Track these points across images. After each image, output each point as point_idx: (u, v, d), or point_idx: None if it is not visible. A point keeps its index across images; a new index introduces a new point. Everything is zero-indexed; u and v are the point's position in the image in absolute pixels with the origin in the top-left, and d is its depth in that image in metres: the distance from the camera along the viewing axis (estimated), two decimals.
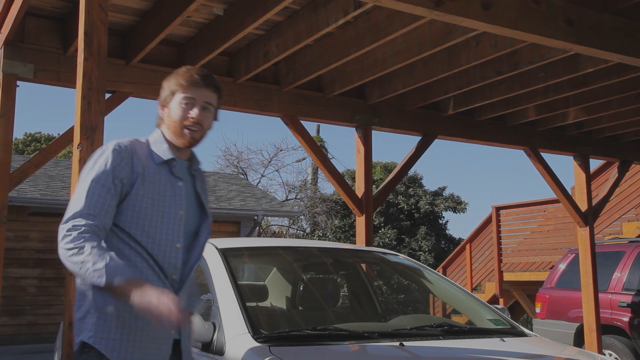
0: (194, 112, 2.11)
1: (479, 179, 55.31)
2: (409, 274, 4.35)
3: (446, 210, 20.25)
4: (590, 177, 7.60)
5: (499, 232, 12.17)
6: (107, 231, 2.02)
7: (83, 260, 1.89)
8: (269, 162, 20.40)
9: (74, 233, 1.93)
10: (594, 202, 7.50)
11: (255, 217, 12.72)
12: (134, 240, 2.05)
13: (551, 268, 9.57)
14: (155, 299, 1.85)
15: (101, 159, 2.04)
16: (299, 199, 20.82)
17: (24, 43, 4.51)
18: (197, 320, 2.47)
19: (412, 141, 6.37)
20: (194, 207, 2.20)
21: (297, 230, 21.12)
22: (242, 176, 19.61)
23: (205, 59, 4.68)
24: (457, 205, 20.25)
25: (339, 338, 2.79)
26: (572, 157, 7.50)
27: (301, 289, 4.01)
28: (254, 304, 3.48)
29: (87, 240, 1.92)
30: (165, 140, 2.17)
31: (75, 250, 1.91)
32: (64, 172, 12.94)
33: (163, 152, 2.14)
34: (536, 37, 3.74)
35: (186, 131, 2.12)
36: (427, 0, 3.32)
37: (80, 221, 1.95)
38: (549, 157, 7.30)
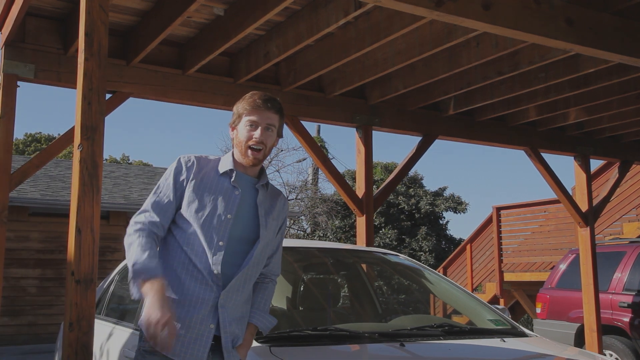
0: (257, 134, 2.36)
1: (479, 179, 55.34)
2: (409, 274, 4.35)
3: (447, 210, 20.24)
4: (590, 178, 7.60)
5: (499, 232, 12.17)
6: (165, 226, 2.35)
7: (128, 248, 2.28)
8: (270, 162, 20.38)
9: (133, 224, 2.33)
10: (595, 202, 7.50)
11: None
12: (186, 231, 2.32)
13: (552, 268, 9.56)
14: (147, 313, 2.10)
15: (170, 168, 2.43)
16: (299, 199, 20.80)
17: (24, 43, 4.51)
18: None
19: (412, 141, 6.36)
20: (251, 217, 2.39)
21: (298, 230, 21.12)
22: None
23: (206, 59, 4.69)
24: (457, 205, 20.24)
25: (340, 338, 2.79)
26: (572, 158, 7.50)
27: (302, 289, 4.01)
28: None
29: (139, 230, 2.29)
30: (232, 157, 2.43)
31: (127, 236, 2.31)
32: (64, 172, 12.95)
33: (225, 165, 2.41)
34: (536, 37, 3.74)
35: (250, 151, 2.37)
36: (427, 0, 3.32)
37: (141, 217, 2.34)
38: (549, 158, 7.30)
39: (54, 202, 10.57)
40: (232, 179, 2.38)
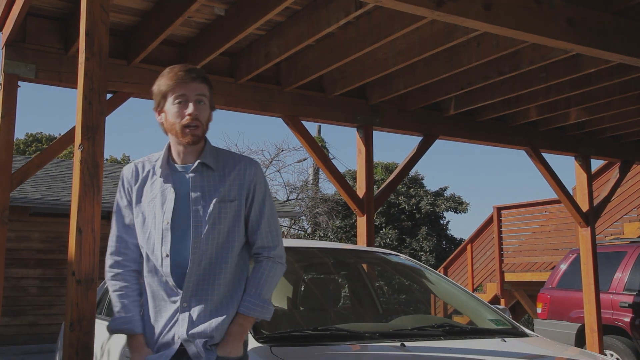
0: (189, 109, 2.12)
1: (480, 179, 55.35)
2: (410, 274, 4.35)
3: (447, 210, 20.22)
4: (591, 178, 7.60)
5: (500, 232, 12.16)
6: (138, 244, 2.26)
7: (109, 290, 2.28)
8: (270, 162, 20.37)
9: (107, 257, 2.29)
10: (595, 202, 7.50)
11: None
12: (142, 249, 2.25)
13: (552, 268, 9.56)
14: None
15: (117, 190, 2.31)
16: (300, 199, 20.79)
17: (25, 43, 4.51)
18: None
19: (413, 141, 6.36)
20: (192, 210, 2.17)
21: (299, 230, 21.10)
22: None
23: (207, 59, 4.68)
24: (458, 205, 20.22)
25: (340, 338, 2.79)
26: (573, 158, 7.50)
27: (302, 289, 4.01)
28: None
29: (112, 268, 2.27)
30: (167, 149, 2.23)
31: (105, 274, 2.30)
32: (65, 172, 12.95)
33: (159, 163, 2.22)
34: (537, 38, 3.74)
35: (187, 130, 2.13)
36: (428, 0, 3.32)
37: (112, 247, 2.28)
38: (550, 158, 7.31)
39: (54, 202, 10.57)
40: (164, 180, 2.20)
